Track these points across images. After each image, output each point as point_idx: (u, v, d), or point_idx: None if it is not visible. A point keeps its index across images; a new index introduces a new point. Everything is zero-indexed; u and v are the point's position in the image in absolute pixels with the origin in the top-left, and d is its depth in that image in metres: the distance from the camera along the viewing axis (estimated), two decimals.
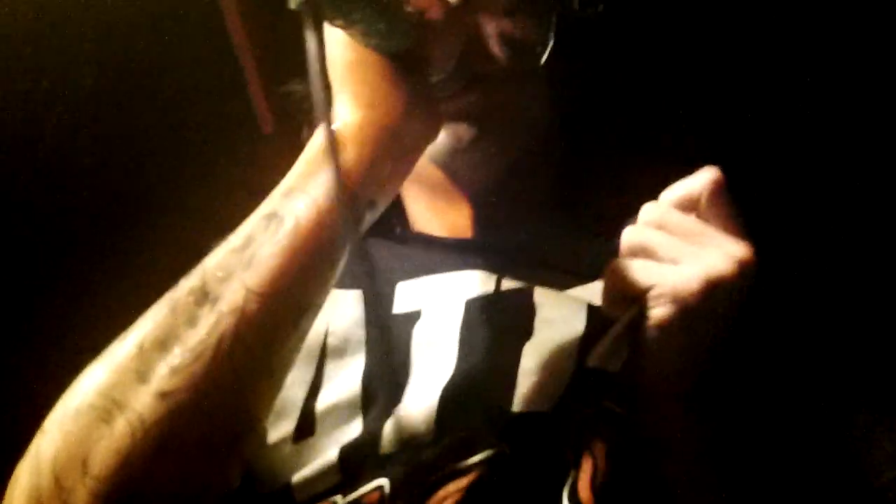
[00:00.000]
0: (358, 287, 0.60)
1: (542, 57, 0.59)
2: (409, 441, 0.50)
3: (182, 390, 0.41)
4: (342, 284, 0.58)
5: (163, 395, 0.41)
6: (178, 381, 0.42)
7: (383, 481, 0.48)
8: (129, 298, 0.47)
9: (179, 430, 0.42)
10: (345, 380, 0.55)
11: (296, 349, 0.47)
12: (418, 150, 0.52)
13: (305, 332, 0.47)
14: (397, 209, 0.67)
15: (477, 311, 0.56)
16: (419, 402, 0.51)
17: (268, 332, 0.44)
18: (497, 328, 0.55)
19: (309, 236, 0.45)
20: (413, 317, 0.58)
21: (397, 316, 0.58)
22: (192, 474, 0.43)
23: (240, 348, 0.43)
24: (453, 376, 0.52)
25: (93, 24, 0.82)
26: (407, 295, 0.59)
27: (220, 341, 0.42)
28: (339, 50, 0.49)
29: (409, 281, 0.60)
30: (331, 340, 0.57)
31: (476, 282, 0.58)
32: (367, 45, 0.48)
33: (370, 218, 0.49)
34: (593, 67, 0.66)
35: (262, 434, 0.51)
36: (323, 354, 0.56)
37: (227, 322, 0.43)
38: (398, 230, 0.66)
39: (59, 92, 0.83)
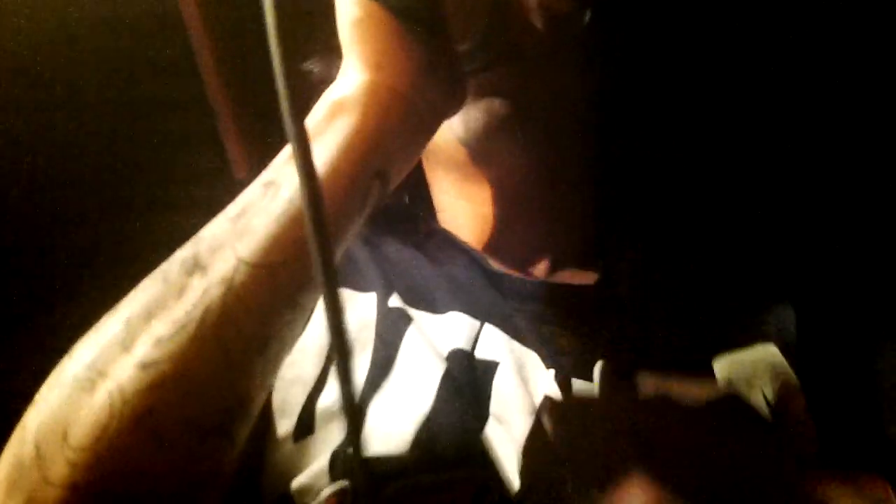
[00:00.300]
0: (374, 290, 0.58)
1: (580, 26, 0.54)
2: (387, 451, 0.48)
3: (165, 361, 0.39)
4: (358, 287, 0.59)
5: (144, 366, 0.39)
6: (161, 352, 0.39)
7: (345, 484, 0.46)
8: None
9: (161, 404, 0.39)
10: None
11: (293, 328, 0.44)
12: (436, 119, 0.48)
13: (305, 311, 0.44)
14: (425, 200, 0.65)
15: (449, 377, 0.53)
16: (397, 422, 0.50)
17: (259, 305, 0.41)
18: (462, 397, 0.53)
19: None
20: (405, 318, 0.56)
21: (392, 310, 0.57)
22: (175, 452, 0.40)
23: (227, 321, 0.40)
24: (427, 419, 0.50)
25: (64, 68, 0.82)
26: (399, 302, 0.58)
27: (206, 313, 0.40)
28: (348, 7, 0.46)
29: (401, 298, 0.59)
30: None
31: (457, 332, 0.56)
32: None
33: (381, 190, 0.46)
34: (635, 45, 0.60)
35: (258, 419, 0.48)
36: (330, 356, 0.54)
37: (215, 293, 0.41)
38: (422, 226, 0.64)
39: (33, 135, 0.83)
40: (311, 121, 0.45)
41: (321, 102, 0.46)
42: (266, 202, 0.42)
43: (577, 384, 0.54)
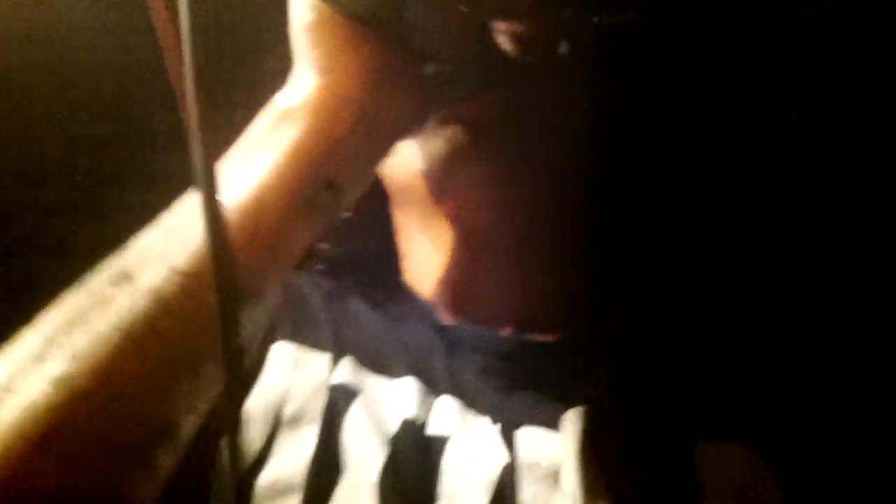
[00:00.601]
0: (328, 351, 0.54)
1: (556, 57, 0.49)
2: None
3: (81, 377, 0.36)
4: (314, 345, 0.55)
5: (58, 382, 0.36)
6: (77, 366, 0.36)
7: None
8: None
9: (74, 423, 0.36)
10: (293, 453, 0.49)
11: (235, 339, 0.41)
12: (395, 129, 0.46)
13: (248, 323, 0.41)
14: (391, 249, 0.62)
15: (397, 453, 0.50)
16: None
17: (188, 318, 0.38)
18: (411, 477, 0.50)
19: (247, 217, 0.40)
20: (349, 395, 0.53)
21: (337, 387, 0.53)
22: (86, 477, 0.36)
23: (153, 335, 0.37)
24: None
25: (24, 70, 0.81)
26: (349, 370, 0.55)
27: (131, 325, 0.37)
28: (300, 11, 0.44)
29: (353, 360, 0.55)
30: (287, 409, 0.51)
31: (409, 402, 0.53)
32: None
33: (332, 203, 0.43)
34: (622, 83, 0.56)
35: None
36: (277, 423, 0.51)
37: (142, 304, 0.37)
38: (387, 279, 0.61)
39: None
40: (257, 127, 0.44)
41: (269, 108, 0.44)
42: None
43: (526, 433, 0.52)
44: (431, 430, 0.51)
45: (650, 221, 0.61)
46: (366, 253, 0.63)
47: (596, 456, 0.49)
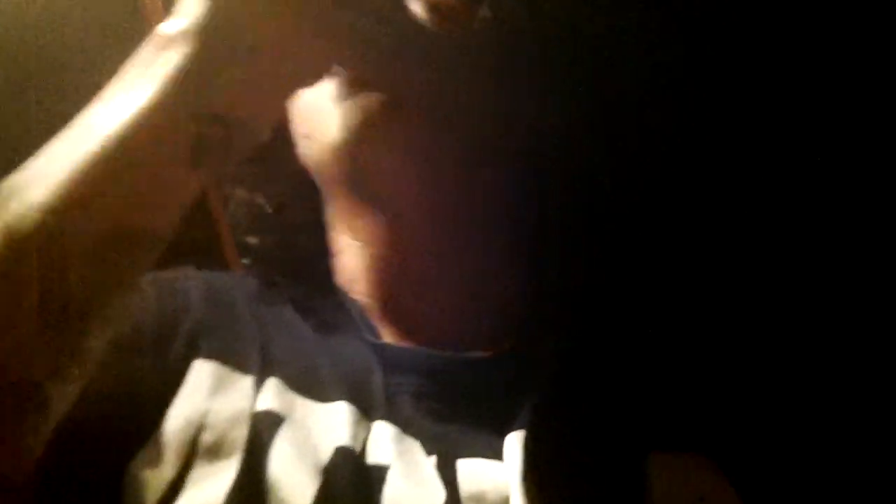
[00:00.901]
0: (252, 373, 0.50)
1: (473, 21, 0.47)
2: None
3: None
4: (237, 365, 0.50)
5: None
6: None
7: None
8: None
9: None
10: (208, 487, 0.44)
11: (111, 290, 0.39)
12: (296, 69, 0.43)
13: (127, 269, 0.40)
14: (323, 251, 0.58)
15: (330, 484, 0.45)
16: None
17: (66, 249, 0.36)
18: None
19: (122, 148, 0.38)
20: (274, 424, 0.48)
21: (260, 414, 0.48)
22: None
23: (25, 259, 0.35)
24: None
25: None
26: (275, 394, 0.49)
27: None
28: None
29: (280, 382, 0.50)
30: (205, 437, 0.46)
31: (344, 428, 0.48)
32: None
33: (222, 143, 0.40)
34: (561, 57, 0.51)
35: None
36: (192, 452, 0.45)
37: (18, 226, 0.35)
38: (318, 283, 0.57)
39: None
40: (137, 57, 0.41)
41: (151, 37, 0.41)
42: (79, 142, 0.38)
43: (467, 464, 0.47)
44: (369, 459, 0.47)
45: (591, 224, 0.56)
46: (296, 249, 0.59)
47: (543, 482, 0.45)
